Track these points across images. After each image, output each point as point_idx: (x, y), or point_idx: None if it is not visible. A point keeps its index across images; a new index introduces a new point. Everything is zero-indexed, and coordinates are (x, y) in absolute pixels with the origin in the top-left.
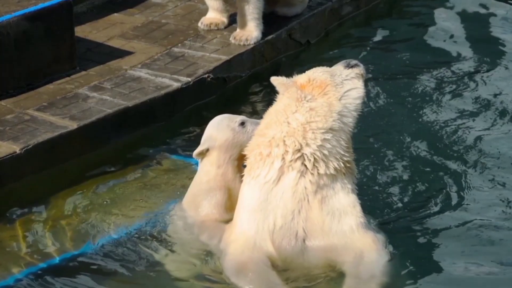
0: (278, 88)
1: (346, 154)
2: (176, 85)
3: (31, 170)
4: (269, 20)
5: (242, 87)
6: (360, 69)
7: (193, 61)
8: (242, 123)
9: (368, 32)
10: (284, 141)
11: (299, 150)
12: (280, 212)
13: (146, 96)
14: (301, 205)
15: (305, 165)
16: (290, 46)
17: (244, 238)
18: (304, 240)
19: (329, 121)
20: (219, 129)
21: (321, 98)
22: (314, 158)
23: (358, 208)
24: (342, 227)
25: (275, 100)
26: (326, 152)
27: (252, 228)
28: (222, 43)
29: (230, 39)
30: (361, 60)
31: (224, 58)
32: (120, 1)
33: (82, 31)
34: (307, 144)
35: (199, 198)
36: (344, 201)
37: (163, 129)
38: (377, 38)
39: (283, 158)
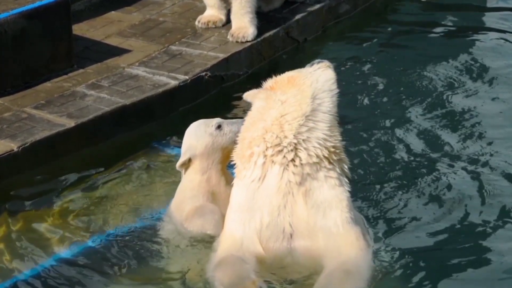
0: (252, 101)
1: (329, 139)
2: (173, 83)
3: (28, 168)
4: (267, 18)
5: (240, 86)
6: (325, 63)
7: (191, 59)
8: (219, 126)
9: (365, 31)
10: (263, 138)
11: (279, 144)
12: (266, 209)
13: (144, 94)
14: (286, 200)
15: (286, 157)
16: (287, 44)
17: (232, 239)
18: (291, 236)
19: (303, 108)
20: (198, 136)
21: (292, 89)
22: (295, 147)
23: (345, 202)
24: (327, 222)
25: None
26: (304, 137)
27: (239, 229)
28: (219, 41)
29: (228, 37)
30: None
31: (222, 56)
32: None
33: (79, 29)
34: (285, 136)
35: (183, 205)
36: (329, 194)
37: (161, 127)
38: (374, 36)
39: (264, 155)
